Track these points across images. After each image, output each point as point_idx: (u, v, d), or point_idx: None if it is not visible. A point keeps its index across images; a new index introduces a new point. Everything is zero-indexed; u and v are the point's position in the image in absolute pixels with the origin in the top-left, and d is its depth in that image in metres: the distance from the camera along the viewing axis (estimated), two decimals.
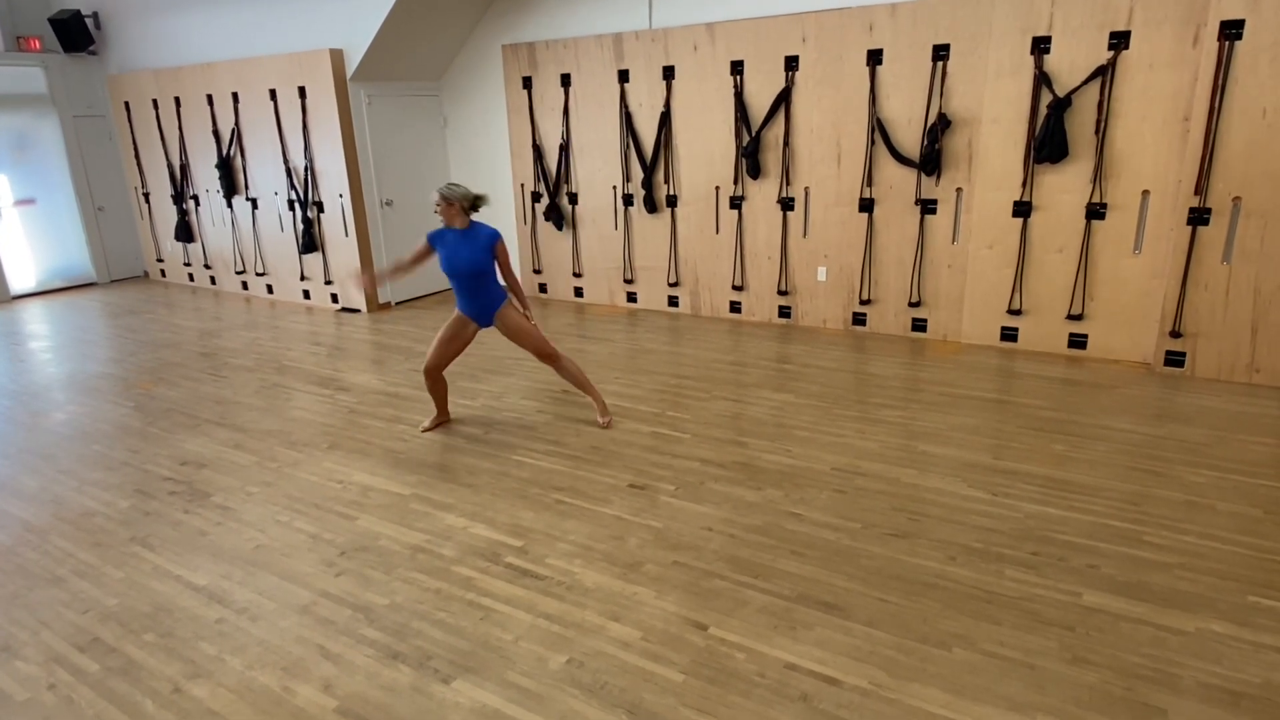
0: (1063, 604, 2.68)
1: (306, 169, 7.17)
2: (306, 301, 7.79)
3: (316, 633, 2.68)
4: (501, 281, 4.19)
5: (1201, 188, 4.54)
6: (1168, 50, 4.58)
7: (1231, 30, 4.29)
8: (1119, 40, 4.68)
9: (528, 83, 6.98)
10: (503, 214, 7.63)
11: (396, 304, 7.55)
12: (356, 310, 7.34)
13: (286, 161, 7.33)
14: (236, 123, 7.62)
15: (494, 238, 4.06)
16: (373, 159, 7.11)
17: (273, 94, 7.18)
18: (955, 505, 3.36)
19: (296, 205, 7.39)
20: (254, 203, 7.83)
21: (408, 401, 4.87)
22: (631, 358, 5.62)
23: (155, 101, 8.26)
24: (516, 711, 2.29)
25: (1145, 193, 4.84)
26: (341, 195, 7.03)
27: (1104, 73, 4.75)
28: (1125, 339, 5.10)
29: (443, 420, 4.49)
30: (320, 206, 7.26)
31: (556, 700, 2.32)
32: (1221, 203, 4.52)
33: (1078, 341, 5.26)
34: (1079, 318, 5.21)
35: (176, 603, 2.89)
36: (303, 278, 7.71)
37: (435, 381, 4.33)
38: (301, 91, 6.95)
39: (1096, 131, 4.85)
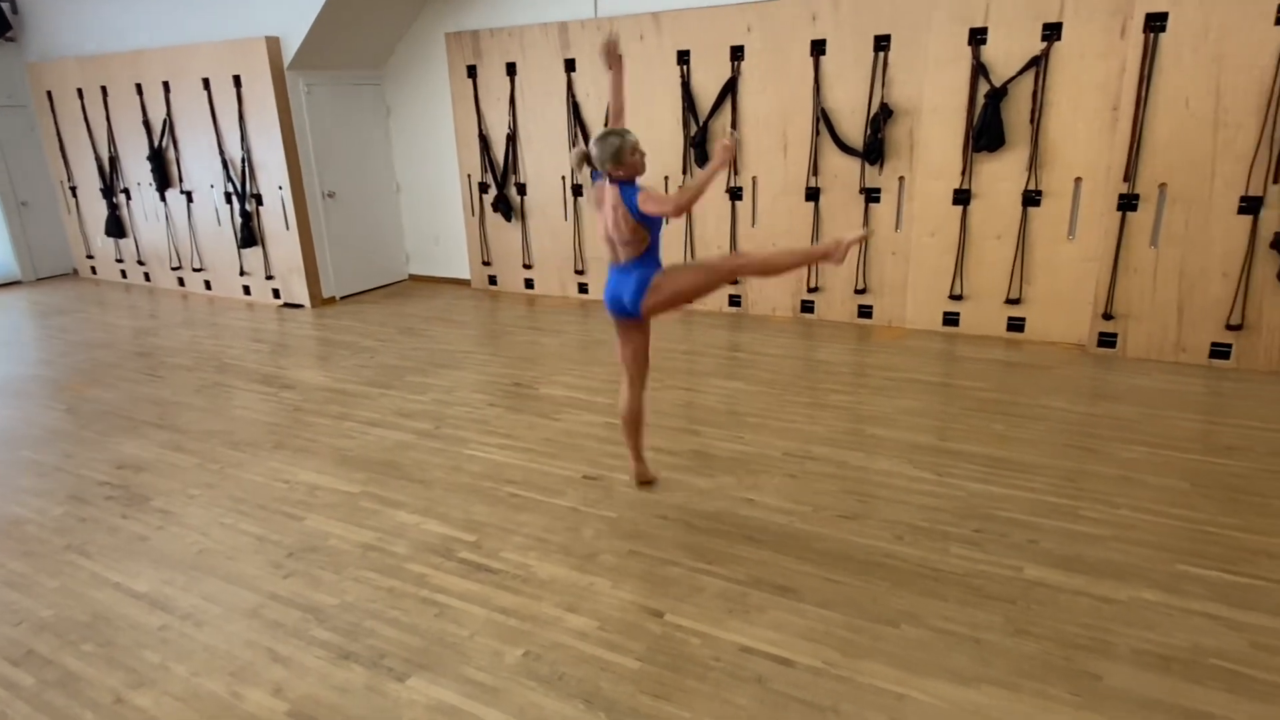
0: (1005, 579, 2.77)
1: (244, 160, 6.96)
2: (247, 297, 7.57)
3: (265, 636, 2.62)
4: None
5: (1130, 175, 4.71)
6: (1097, 41, 4.74)
7: (1156, 22, 4.46)
8: (1052, 31, 4.82)
9: (472, 71, 6.88)
10: (449, 205, 7.52)
11: (341, 298, 7.39)
12: (300, 306, 7.17)
13: (223, 153, 7.09)
14: (168, 113, 7.34)
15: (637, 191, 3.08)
16: (313, 150, 6.93)
17: (206, 83, 6.94)
18: (902, 486, 3.45)
19: (234, 198, 7.17)
20: (189, 196, 7.57)
21: (354, 398, 4.78)
22: (584, 349, 5.61)
23: (80, 91, 7.90)
24: (473, 706, 2.27)
25: (1078, 180, 5.01)
26: (281, 187, 6.84)
27: (1038, 63, 4.89)
28: (1061, 322, 5.28)
29: (643, 468, 3.55)
30: (259, 199, 7.05)
31: (513, 693, 2.32)
32: (1149, 189, 4.70)
33: (1016, 325, 5.42)
34: (1017, 302, 5.37)
35: (116, 611, 2.79)
36: (242, 273, 7.49)
37: (632, 414, 3.42)
38: (236, 80, 6.73)
39: (1031, 120, 5.00)
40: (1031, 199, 5.13)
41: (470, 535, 3.19)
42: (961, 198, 5.33)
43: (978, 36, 5.00)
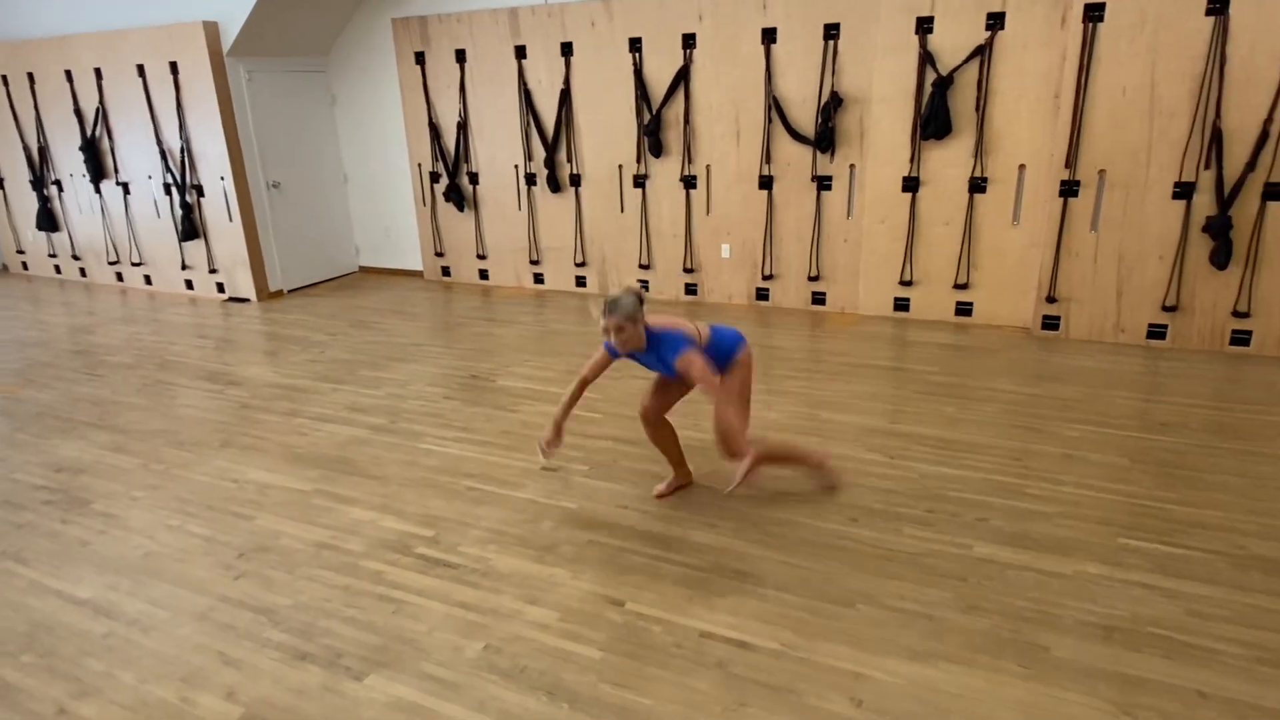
0: (956, 557, 2.84)
1: (183, 150, 6.73)
2: (189, 292, 7.34)
3: (216, 639, 2.56)
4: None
5: (1071, 161, 4.85)
6: (1039, 31, 4.85)
7: (1094, 13, 4.58)
8: (995, 21, 4.92)
9: (421, 58, 6.75)
10: (400, 195, 7.39)
11: (289, 292, 7.22)
12: (245, 300, 6.98)
13: (160, 143, 6.84)
14: (101, 101, 7.05)
15: (679, 350, 2.84)
16: (256, 139, 6.73)
17: (140, 70, 6.68)
18: (856, 469, 3.50)
19: (174, 189, 6.93)
20: (125, 187, 7.29)
21: (305, 394, 4.68)
22: (541, 339, 5.57)
23: (5, 78, 7.54)
24: (433, 703, 2.25)
25: (1022, 167, 5.13)
26: (223, 178, 6.64)
27: (982, 52, 4.98)
28: (1007, 305, 5.41)
29: (683, 482, 3.40)
30: (200, 190, 6.83)
31: (474, 688, 2.30)
32: (1089, 175, 4.84)
33: (964, 309, 5.55)
34: (965, 287, 5.49)
35: (57, 619, 2.70)
36: (184, 267, 7.26)
37: (655, 429, 3.26)
38: (173, 67, 6.49)
39: (977, 108, 5.10)
40: (978, 186, 5.24)
41: (428, 530, 3.16)
42: (910, 185, 5.42)
43: (924, 25, 5.08)
